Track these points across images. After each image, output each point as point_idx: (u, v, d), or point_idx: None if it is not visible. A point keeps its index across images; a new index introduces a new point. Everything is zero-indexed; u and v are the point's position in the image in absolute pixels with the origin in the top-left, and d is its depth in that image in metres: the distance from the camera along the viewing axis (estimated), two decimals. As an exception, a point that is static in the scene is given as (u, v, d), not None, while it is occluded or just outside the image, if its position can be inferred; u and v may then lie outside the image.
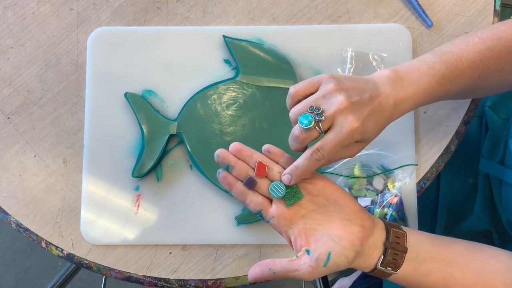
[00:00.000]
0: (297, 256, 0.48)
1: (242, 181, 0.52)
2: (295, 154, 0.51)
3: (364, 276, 1.17)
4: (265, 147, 0.52)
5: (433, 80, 0.51)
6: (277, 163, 0.52)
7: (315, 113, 0.47)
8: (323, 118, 0.47)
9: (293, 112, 0.49)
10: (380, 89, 0.49)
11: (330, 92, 0.47)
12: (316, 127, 0.47)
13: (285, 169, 0.51)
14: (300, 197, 0.50)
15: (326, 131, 0.48)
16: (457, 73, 0.51)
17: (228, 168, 0.52)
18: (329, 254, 0.47)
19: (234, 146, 0.51)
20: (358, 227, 0.48)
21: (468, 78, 0.52)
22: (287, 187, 0.50)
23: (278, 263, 0.48)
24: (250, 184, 0.51)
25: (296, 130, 0.48)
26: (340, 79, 0.49)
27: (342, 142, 0.47)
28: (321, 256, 0.47)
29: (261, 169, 0.51)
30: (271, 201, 0.51)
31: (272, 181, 0.51)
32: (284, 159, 0.52)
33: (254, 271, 0.49)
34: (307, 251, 0.48)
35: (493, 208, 0.75)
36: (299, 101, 0.50)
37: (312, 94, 0.49)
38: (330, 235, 0.48)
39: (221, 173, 0.52)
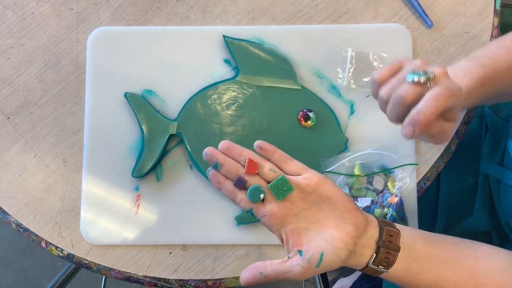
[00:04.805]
0: (288, 257, 0.48)
1: (232, 180, 0.50)
2: (289, 152, 0.51)
3: (364, 277, 1.18)
4: (257, 143, 0.50)
5: (473, 83, 0.52)
6: (269, 160, 0.50)
7: (422, 72, 0.45)
8: (433, 75, 0.45)
9: (391, 84, 0.47)
10: None
11: (422, 64, 0.47)
12: (428, 84, 0.45)
13: (277, 166, 0.49)
14: (291, 190, 0.48)
15: None
16: (495, 74, 0.53)
17: (216, 167, 0.50)
18: (322, 254, 0.46)
19: (223, 144, 0.50)
20: (351, 226, 0.48)
21: (507, 78, 0.54)
22: (275, 181, 0.48)
23: (269, 266, 0.47)
24: (240, 184, 0.49)
25: (403, 89, 0.46)
26: None
27: (456, 93, 0.45)
28: (313, 256, 0.46)
29: (252, 166, 0.49)
30: (262, 199, 0.50)
31: (264, 179, 0.49)
32: (277, 156, 0.50)
33: (246, 275, 0.48)
34: (299, 252, 0.47)
35: (493, 208, 0.75)
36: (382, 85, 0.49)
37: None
38: (323, 234, 0.47)
39: (210, 171, 0.51)
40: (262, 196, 0.49)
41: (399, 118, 0.48)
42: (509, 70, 0.54)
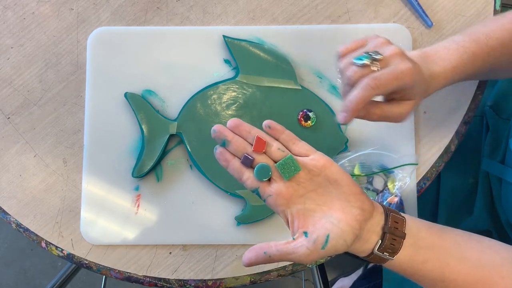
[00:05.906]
0: (293, 238, 0.47)
1: (239, 158, 0.49)
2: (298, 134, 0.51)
3: (364, 277, 1.18)
4: (266, 122, 0.50)
5: (464, 57, 0.53)
6: (277, 140, 0.50)
7: (371, 53, 0.49)
8: (380, 57, 0.49)
9: (346, 61, 0.51)
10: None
11: (383, 42, 0.51)
12: (372, 65, 0.49)
13: (285, 146, 0.49)
14: (298, 170, 0.48)
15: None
16: (487, 50, 0.53)
17: (224, 144, 0.49)
18: (328, 236, 0.46)
19: (232, 121, 0.49)
20: (357, 210, 0.47)
21: (500, 56, 0.54)
22: (283, 160, 0.48)
23: (273, 246, 0.47)
24: (247, 162, 0.48)
25: (349, 71, 0.50)
26: None
27: (397, 77, 0.48)
28: (319, 238, 0.46)
29: (260, 144, 0.48)
30: (269, 178, 0.49)
31: (271, 157, 0.49)
32: (285, 136, 0.50)
33: (249, 255, 0.47)
34: (305, 233, 0.46)
35: (493, 208, 0.75)
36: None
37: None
38: (329, 217, 0.47)
39: (218, 149, 0.50)
40: (269, 174, 0.48)
41: (345, 95, 0.52)
42: (501, 47, 0.53)
